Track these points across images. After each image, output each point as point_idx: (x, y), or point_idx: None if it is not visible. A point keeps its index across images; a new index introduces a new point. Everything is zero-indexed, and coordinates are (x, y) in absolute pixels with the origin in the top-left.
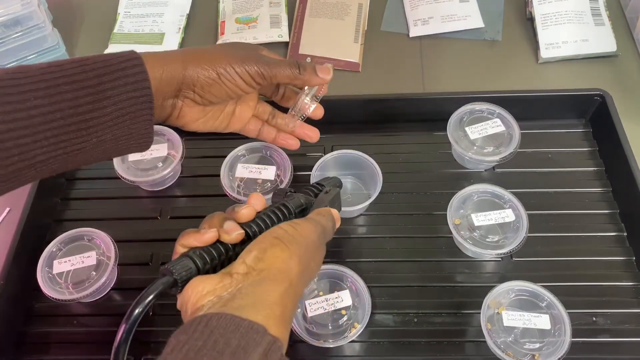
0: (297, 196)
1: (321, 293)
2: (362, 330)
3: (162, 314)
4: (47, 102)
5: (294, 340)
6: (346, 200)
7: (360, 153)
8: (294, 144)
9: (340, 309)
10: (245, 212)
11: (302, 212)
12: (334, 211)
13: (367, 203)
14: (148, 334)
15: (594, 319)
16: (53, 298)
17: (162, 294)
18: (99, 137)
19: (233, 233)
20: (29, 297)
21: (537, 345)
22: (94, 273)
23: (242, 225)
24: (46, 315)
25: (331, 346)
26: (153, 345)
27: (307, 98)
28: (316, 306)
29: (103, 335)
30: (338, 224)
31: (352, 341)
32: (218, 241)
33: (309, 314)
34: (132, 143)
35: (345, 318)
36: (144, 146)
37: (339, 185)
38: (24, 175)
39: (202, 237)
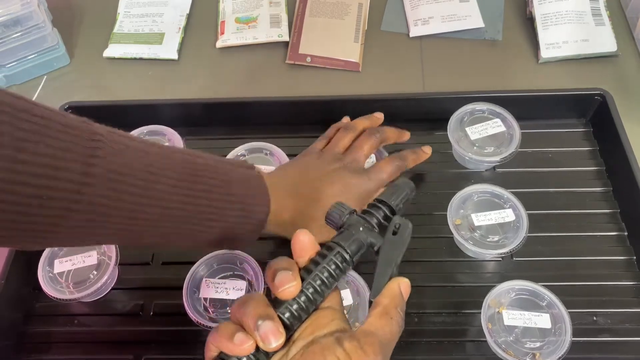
0: (358, 233)
1: None
2: None
3: (162, 313)
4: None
5: None
6: None
7: None
8: None
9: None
10: (291, 291)
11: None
12: (404, 286)
13: None
14: (148, 334)
15: (595, 318)
16: (54, 297)
17: None
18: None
19: (273, 342)
20: (29, 297)
21: (538, 345)
22: (95, 273)
23: (283, 311)
24: (46, 315)
25: None
26: (153, 345)
27: None
28: None
29: (103, 335)
30: (406, 296)
31: None
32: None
33: None
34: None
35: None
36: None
37: (412, 194)
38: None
39: (235, 348)
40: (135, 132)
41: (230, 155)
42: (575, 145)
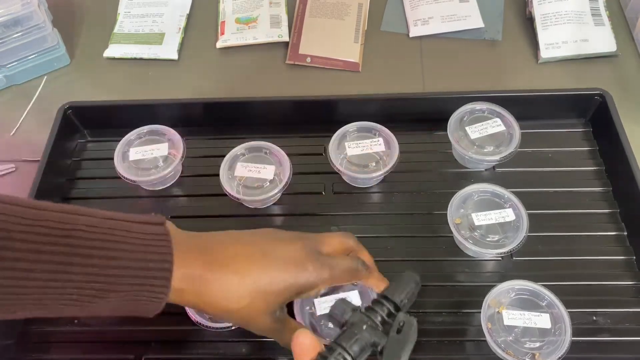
0: (361, 332)
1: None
2: None
3: (162, 313)
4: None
5: None
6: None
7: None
8: None
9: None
10: None
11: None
12: None
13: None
14: (148, 334)
15: (594, 318)
16: None
17: None
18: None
19: None
20: None
21: (538, 345)
22: None
23: None
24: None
25: None
26: (153, 345)
27: None
28: (325, 305)
29: (103, 335)
30: None
31: None
32: None
33: (318, 312)
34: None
35: None
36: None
37: (418, 288)
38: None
39: None
40: (135, 132)
41: (230, 154)
42: (575, 145)
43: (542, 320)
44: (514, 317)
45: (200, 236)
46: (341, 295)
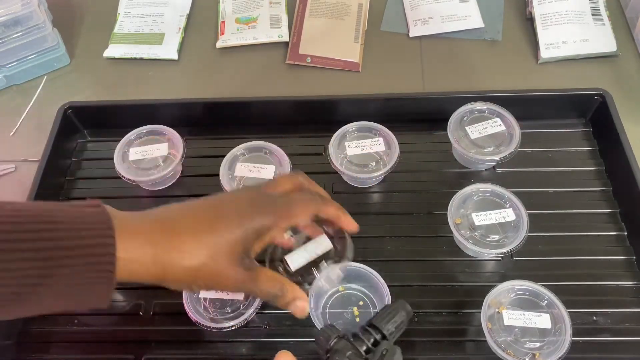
0: (347, 355)
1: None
2: None
3: (162, 313)
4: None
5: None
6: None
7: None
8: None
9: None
10: None
11: None
12: None
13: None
14: (148, 334)
15: (595, 318)
16: None
17: None
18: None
19: None
20: None
21: (538, 345)
22: None
23: None
24: (46, 315)
25: None
26: (153, 345)
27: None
28: (296, 257)
29: (103, 335)
30: None
31: None
32: None
33: (293, 268)
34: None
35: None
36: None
37: (409, 318)
38: None
39: None
40: (135, 132)
41: (230, 154)
42: (575, 145)
43: (542, 320)
44: (514, 317)
45: (143, 212)
46: (310, 244)
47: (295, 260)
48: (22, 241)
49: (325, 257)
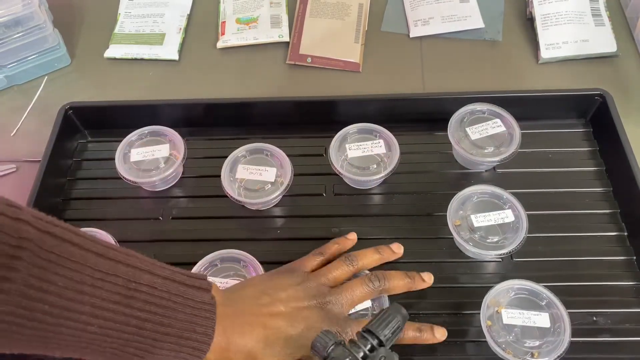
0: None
1: None
2: None
3: None
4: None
5: None
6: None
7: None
8: None
9: (358, 310)
10: None
11: None
12: None
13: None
14: None
15: (595, 318)
16: None
17: None
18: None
19: None
20: None
21: (537, 344)
22: None
23: None
24: None
25: None
26: None
27: None
28: None
29: None
30: None
31: None
32: None
33: None
34: None
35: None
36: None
37: (405, 321)
38: None
39: None
40: (135, 132)
41: (231, 156)
42: (575, 146)
43: (541, 320)
44: (513, 317)
45: (233, 299)
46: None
47: None
48: (144, 320)
49: None
